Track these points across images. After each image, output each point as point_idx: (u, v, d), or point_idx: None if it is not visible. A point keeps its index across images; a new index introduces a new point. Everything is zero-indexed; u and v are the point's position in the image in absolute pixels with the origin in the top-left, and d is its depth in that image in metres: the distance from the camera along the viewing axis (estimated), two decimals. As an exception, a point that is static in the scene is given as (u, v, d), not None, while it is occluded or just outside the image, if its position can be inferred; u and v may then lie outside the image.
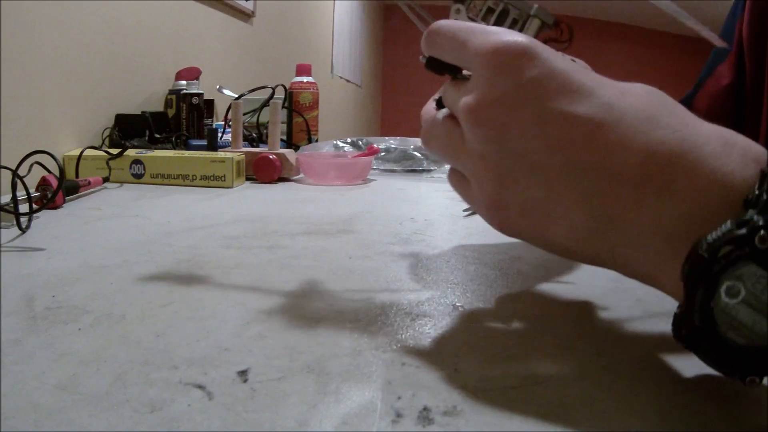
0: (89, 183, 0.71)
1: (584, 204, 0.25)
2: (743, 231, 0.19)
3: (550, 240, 0.27)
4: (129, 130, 0.97)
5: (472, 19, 0.30)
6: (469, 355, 0.26)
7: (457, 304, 0.33)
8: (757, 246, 0.19)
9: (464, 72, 0.29)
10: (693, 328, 0.21)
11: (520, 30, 0.30)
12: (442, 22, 0.29)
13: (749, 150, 0.22)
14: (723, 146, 0.22)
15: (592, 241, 0.25)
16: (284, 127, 1.21)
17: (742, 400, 0.23)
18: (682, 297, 0.21)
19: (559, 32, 0.30)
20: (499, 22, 0.30)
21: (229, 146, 0.91)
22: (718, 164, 0.22)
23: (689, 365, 0.25)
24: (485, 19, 0.30)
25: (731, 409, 0.22)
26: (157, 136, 0.98)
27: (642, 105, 0.24)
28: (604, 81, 0.26)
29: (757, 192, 0.20)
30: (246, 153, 0.86)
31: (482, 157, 0.27)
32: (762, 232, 0.19)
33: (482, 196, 0.28)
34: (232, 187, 0.79)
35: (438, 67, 0.30)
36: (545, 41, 0.29)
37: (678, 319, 0.22)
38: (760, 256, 0.19)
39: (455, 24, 0.28)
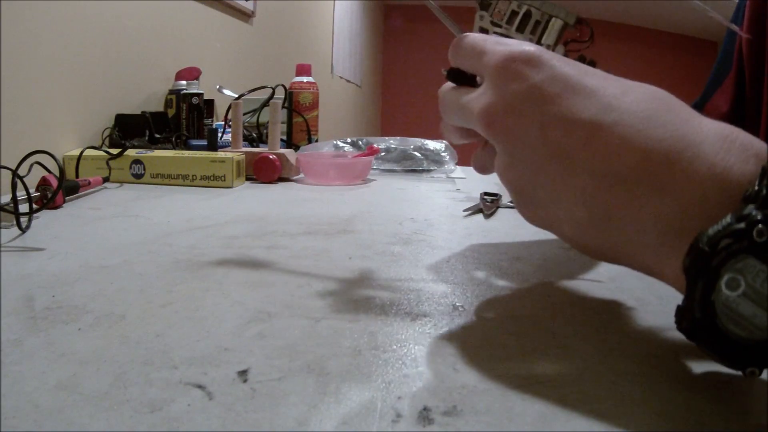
0: (89, 183, 0.71)
1: (583, 204, 0.26)
2: (742, 225, 0.20)
3: (565, 236, 0.29)
4: (129, 130, 0.97)
5: (496, 24, 0.32)
6: (469, 355, 0.26)
7: (457, 304, 0.33)
8: (755, 239, 0.19)
9: (478, 80, 0.32)
10: (694, 320, 0.21)
11: (543, 31, 0.31)
12: (467, 35, 0.32)
13: (750, 146, 0.22)
14: (722, 142, 0.23)
15: (595, 238, 0.26)
16: (284, 127, 1.21)
17: (742, 399, 0.23)
18: (685, 289, 0.22)
19: (579, 32, 0.31)
20: (522, 25, 0.31)
21: (229, 146, 0.91)
22: (716, 160, 0.22)
23: (689, 365, 0.25)
24: (509, 23, 0.32)
25: (731, 408, 0.22)
26: (157, 136, 0.98)
27: (641, 104, 0.25)
28: (607, 81, 0.26)
29: (756, 187, 0.20)
30: (246, 153, 0.86)
31: (499, 157, 0.29)
32: (759, 225, 0.19)
33: (508, 190, 0.30)
34: (232, 187, 0.79)
35: (458, 77, 0.33)
36: (566, 42, 0.31)
37: (680, 312, 0.22)
38: (759, 249, 0.19)
39: (477, 36, 0.31)
